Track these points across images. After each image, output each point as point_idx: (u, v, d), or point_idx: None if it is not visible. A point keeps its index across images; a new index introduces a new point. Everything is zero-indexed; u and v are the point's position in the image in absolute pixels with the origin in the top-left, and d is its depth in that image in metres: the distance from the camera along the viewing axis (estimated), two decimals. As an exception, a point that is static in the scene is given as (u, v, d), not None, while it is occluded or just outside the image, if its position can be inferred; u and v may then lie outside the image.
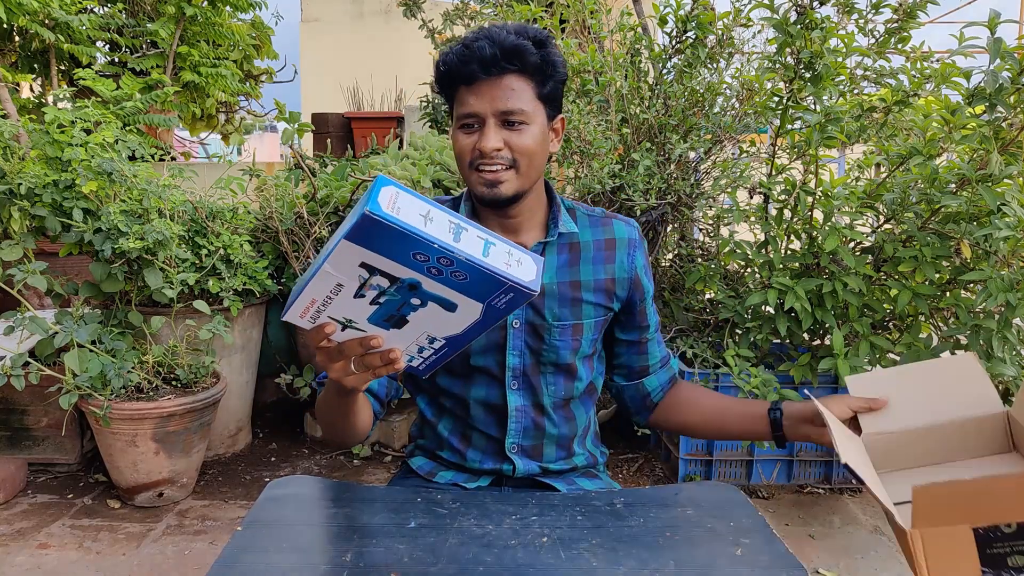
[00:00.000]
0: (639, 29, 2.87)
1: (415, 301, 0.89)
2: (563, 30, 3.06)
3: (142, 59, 4.21)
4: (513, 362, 1.22)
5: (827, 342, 2.54)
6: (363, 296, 0.88)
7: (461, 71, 1.11)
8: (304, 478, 1.16)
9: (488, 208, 1.20)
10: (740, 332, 2.64)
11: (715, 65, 2.75)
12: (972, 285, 2.34)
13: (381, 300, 0.89)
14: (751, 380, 2.32)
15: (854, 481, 2.10)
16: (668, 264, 2.85)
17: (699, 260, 2.83)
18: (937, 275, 2.32)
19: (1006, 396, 2.30)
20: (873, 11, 2.44)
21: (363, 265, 0.84)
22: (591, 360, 1.29)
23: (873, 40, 2.48)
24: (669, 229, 2.82)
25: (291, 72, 5.55)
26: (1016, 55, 2.02)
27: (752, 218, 2.57)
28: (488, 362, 1.22)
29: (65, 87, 3.86)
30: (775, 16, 2.24)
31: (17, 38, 4.07)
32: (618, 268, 1.26)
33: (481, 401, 1.24)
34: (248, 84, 4.73)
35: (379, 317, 0.91)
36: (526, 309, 1.22)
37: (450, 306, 0.88)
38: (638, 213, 2.55)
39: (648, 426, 1.26)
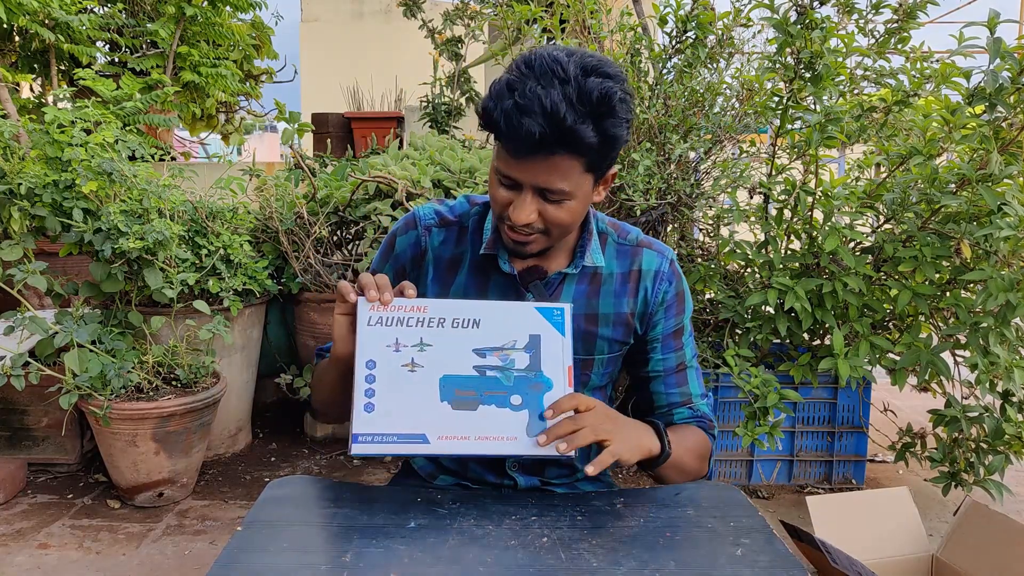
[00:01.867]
0: (639, 29, 2.86)
1: (515, 400, 0.97)
2: (563, 30, 3.05)
3: (142, 59, 4.21)
4: None
5: (827, 342, 2.54)
6: (483, 356, 0.97)
7: (506, 141, 0.99)
8: (304, 478, 1.16)
9: None
10: (740, 332, 2.64)
11: (715, 65, 2.75)
12: (972, 285, 2.34)
13: (491, 372, 0.97)
14: (751, 380, 2.32)
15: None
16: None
17: (699, 260, 2.82)
18: (937, 275, 2.32)
19: (1006, 397, 2.30)
20: (873, 11, 2.44)
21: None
22: (603, 391, 1.26)
23: (873, 40, 2.48)
24: (669, 229, 2.82)
25: (291, 72, 5.55)
26: (1016, 55, 2.02)
27: (752, 218, 2.57)
28: None
29: (65, 87, 3.86)
30: (775, 16, 2.24)
31: (17, 38, 4.06)
32: (639, 302, 1.20)
33: None
34: (248, 84, 4.73)
35: (465, 384, 0.97)
36: None
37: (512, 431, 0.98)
38: (638, 213, 2.55)
39: None
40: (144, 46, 4.28)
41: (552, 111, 0.93)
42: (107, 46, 4.44)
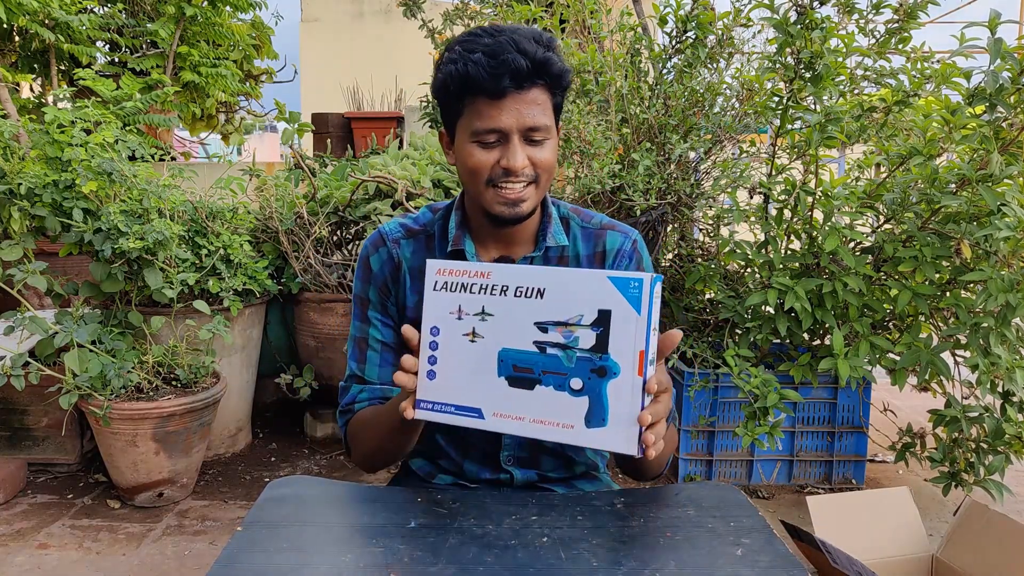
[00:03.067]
0: (639, 29, 2.87)
1: (575, 385, 0.89)
2: (563, 30, 3.06)
3: (142, 59, 4.21)
4: None
5: (827, 342, 2.54)
6: (545, 331, 0.89)
7: (488, 84, 1.04)
8: (304, 478, 1.16)
9: (493, 224, 1.15)
10: (740, 332, 2.64)
11: (715, 65, 2.75)
12: (972, 285, 2.34)
13: (551, 350, 0.89)
14: (751, 380, 2.31)
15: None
16: (668, 264, 2.85)
17: (699, 260, 2.82)
18: (937, 275, 2.32)
19: (1007, 397, 2.30)
20: (873, 11, 2.44)
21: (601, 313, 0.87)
22: None
23: (873, 40, 2.48)
24: (669, 229, 2.82)
25: (291, 72, 5.55)
26: (1016, 55, 2.02)
27: (752, 218, 2.57)
28: None
29: (65, 87, 3.86)
30: (775, 16, 2.24)
31: (17, 38, 4.07)
32: None
33: None
34: (248, 84, 4.73)
35: (523, 360, 0.91)
36: None
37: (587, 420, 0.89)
38: (638, 213, 2.55)
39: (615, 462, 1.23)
40: (144, 46, 4.28)
41: (524, 47, 1.04)
42: (107, 46, 4.45)
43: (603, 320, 0.87)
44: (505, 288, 0.91)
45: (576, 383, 0.89)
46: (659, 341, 0.89)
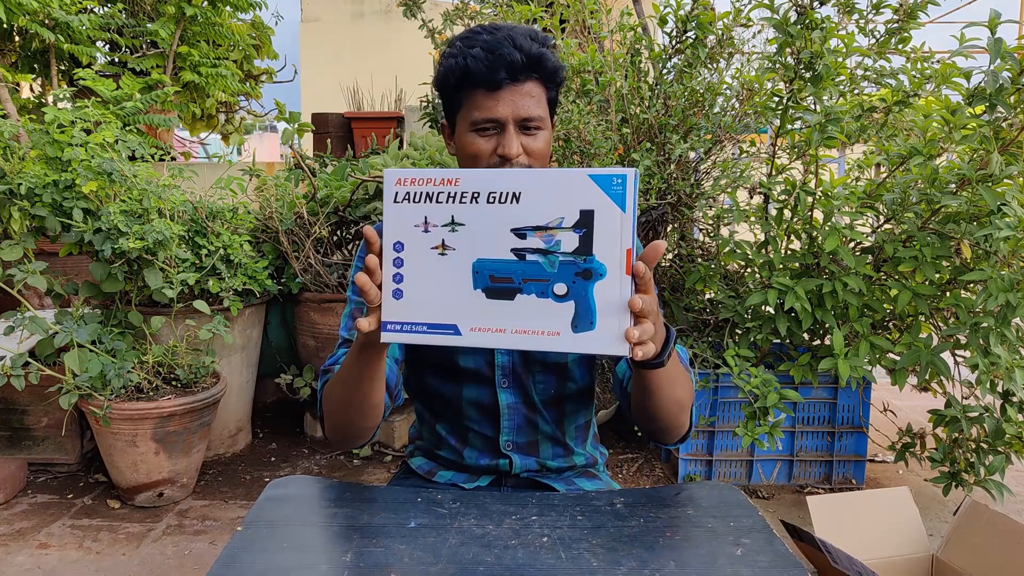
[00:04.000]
0: (639, 29, 2.86)
1: (559, 290, 0.83)
2: (563, 30, 3.06)
3: (142, 59, 4.21)
4: (502, 360, 1.23)
5: (827, 342, 2.54)
6: (523, 237, 0.82)
7: (485, 76, 1.11)
8: (304, 478, 1.16)
9: None
10: (740, 332, 2.64)
11: (715, 65, 2.75)
12: (972, 285, 2.34)
13: (532, 257, 0.83)
14: (751, 380, 2.32)
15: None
16: (668, 264, 2.85)
17: (699, 260, 2.82)
18: (937, 275, 2.32)
19: (1007, 397, 2.30)
20: (874, 11, 2.44)
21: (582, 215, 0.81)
22: (588, 361, 1.28)
23: (873, 40, 2.48)
24: (669, 229, 2.82)
25: (291, 72, 5.56)
26: (1016, 55, 2.02)
27: (752, 218, 2.57)
28: (478, 363, 1.23)
29: (65, 87, 3.86)
30: (775, 16, 2.24)
31: (17, 38, 4.07)
32: None
33: (473, 401, 1.25)
34: (248, 84, 4.73)
35: (501, 270, 0.84)
36: None
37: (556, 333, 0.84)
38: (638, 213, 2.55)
39: (633, 418, 1.21)
40: (144, 46, 4.28)
41: (520, 42, 1.11)
42: (107, 46, 4.45)
43: (586, 220, 0.82)
44: (476, 195, 0.84)
45: (560, 288, 0.84)
46: (645, 252, 0.85)
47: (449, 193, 0.85)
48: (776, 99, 2.42)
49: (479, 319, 0.86)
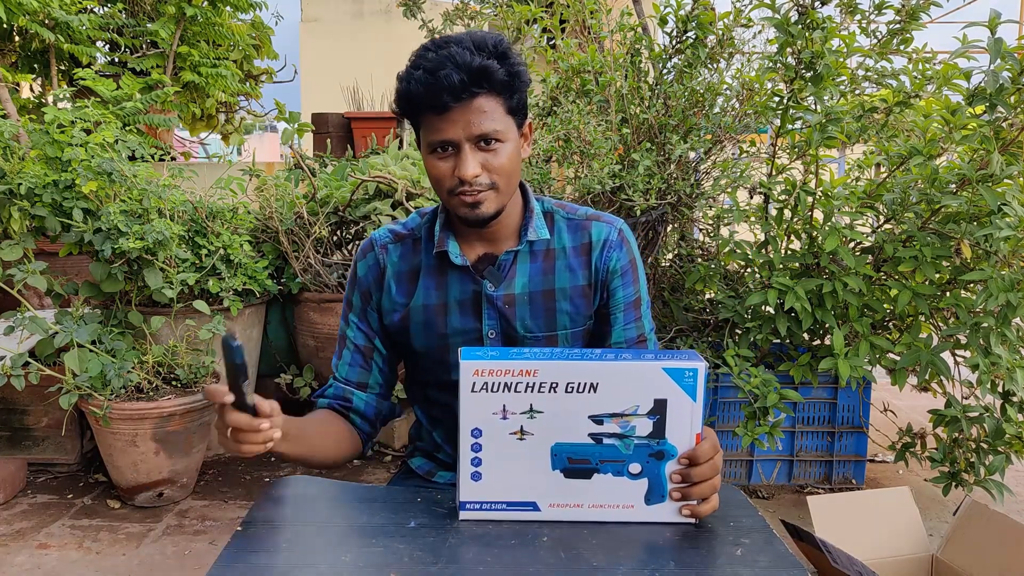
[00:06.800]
0: (639, 29, 2.86)
1: (633, 469, 0.91)
2: (563, 30, 3.05)
3: (142, 59, 4.21)
4: None
5: (827, 342, 2.54)
6: (600, 423, 0.90)
7: (428, 101, 1.08)
8: (304, 478, 1.16)
9: (465, 225, 1.18)
10: (740, 332, 2.64)
11: (715, 65, 2.75)
12: (972, 285, 2.34)
13: (608, 441, 0.90)
14: (751, 380, 2.31)
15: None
16: (668, 264, 2.85)
17: (699, 260, 2.82)
18: (937, 275, 2.32)
19: (1007, 397, 2.30)
20: (876, 12, 2.44)
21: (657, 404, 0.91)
22: None
23: (875, 41, 2.48)
24: (669, 229, 2.81)
25: (291, 72, 5.55)
26: (1016, 55, 2.02)
27: (752, 218, 2.57)
28: None
29: (65, 87, 3.86)
30: (776, 16, 2.24)
31: (17, 38, 4.06)
32: (592, 272, 1.23)
33: None
34: (248, 84, 4.73)
35: (579, 452, 0.91)
36: (499, 320, 1.20)
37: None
38: (638, 213, 2.55)
39: None
40: (144, 46, 4.28)
41: (460, 60, 1.06)
42: (107, 46, 4.44)
43: (659, 408, 0.90)
44: (555, 385, 0.90)
45: (635, 468, 0.92)
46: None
47: (528, 384, 0.90)
48: (776, 99, 2.42)
49: (557, 496, 0.94)
